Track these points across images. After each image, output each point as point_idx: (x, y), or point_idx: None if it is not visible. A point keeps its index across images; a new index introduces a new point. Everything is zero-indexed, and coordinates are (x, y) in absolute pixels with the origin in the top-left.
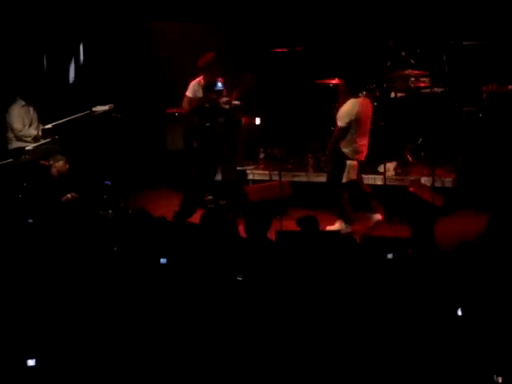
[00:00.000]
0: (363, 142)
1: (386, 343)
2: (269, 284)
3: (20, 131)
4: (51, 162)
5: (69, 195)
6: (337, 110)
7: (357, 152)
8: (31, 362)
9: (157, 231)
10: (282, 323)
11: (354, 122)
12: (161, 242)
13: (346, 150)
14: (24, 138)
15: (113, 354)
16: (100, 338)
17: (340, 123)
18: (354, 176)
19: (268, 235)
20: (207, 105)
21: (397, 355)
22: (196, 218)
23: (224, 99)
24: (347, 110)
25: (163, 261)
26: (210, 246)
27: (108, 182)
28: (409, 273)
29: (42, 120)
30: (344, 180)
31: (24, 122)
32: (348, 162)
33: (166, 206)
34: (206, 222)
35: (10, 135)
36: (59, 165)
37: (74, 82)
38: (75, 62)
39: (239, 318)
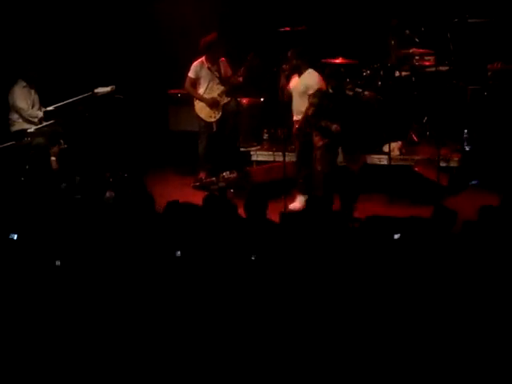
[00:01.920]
0: None
1: (392, 325)
2: (272, 266)
3: (26, 111)
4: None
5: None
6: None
7: None
8: None
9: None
10: (286, 308)
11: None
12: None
13: None
14: (31, 119)
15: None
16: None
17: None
18: None
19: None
20: (331, 90)
21: (402, 338)
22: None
23: (348, 86)
24: (316, 78)
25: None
26: (212, 228)
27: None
28: (415, 253)
29: (43, 102)
30: None
31: (27, 102)
32: None
33: (169, 187)
34: (208, 204)
35: (14, 117)
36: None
37: (76, 63)
38: (77, 44)
39: (244, 302)
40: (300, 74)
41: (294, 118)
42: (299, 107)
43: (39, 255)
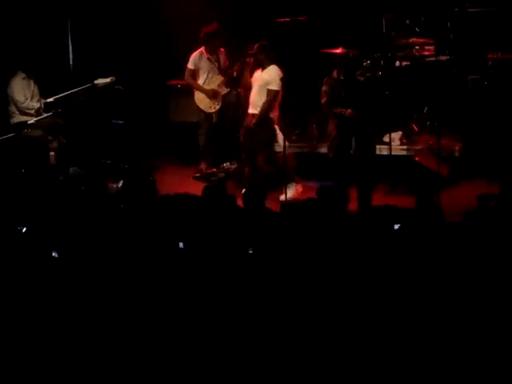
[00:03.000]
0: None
1: (392, 318)
2: (273, 257)
3: (22, 103)
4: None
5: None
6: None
7: (278, 117)
8: None
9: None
10: (286, 299)
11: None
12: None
13: (272, 116)
14: (27, 111)
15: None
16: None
17: (274, 87)
18: (282, 141)
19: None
20: (342, 77)
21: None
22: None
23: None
24: (277, 74)
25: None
26: (211, 219)
27: (108, 161)
28: (415, 243)
29: (44, 93)
30: (278, 147)
31: (26, 94)
32: (276, 127)
33: (169, 178)
34: (208, 194)
35: (13, 109)
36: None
37: (76, 54)
38: (76, 35)
39: (244, 293)
40: (263, 68)
41: (250, 111)
42: (257, 101)
43: (40, 247)
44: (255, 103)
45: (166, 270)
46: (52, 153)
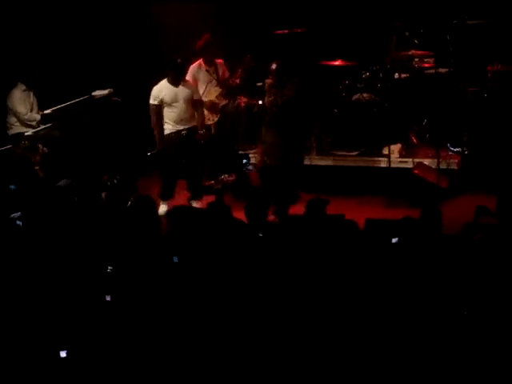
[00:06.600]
0: None
1: (390, 329)
2: (271, 268)
3: (25, 115)
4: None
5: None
6: None
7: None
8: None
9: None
10: (283, 308)
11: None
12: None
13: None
14: (29, 122)
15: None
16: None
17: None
18: None
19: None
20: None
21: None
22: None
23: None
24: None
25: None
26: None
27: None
28: (414, 257)
29: (41, 105)
30: None
31: (26, 106)
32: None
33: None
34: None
35: (12, 120)
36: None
37: (74, 66)
38: (74, 47)
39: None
40: (176, 85)
41: (183, 127)
42: (190, 115)
43: (36, 259)
44: (188, 117)
45: (161, 281)
46: (37, 167)
